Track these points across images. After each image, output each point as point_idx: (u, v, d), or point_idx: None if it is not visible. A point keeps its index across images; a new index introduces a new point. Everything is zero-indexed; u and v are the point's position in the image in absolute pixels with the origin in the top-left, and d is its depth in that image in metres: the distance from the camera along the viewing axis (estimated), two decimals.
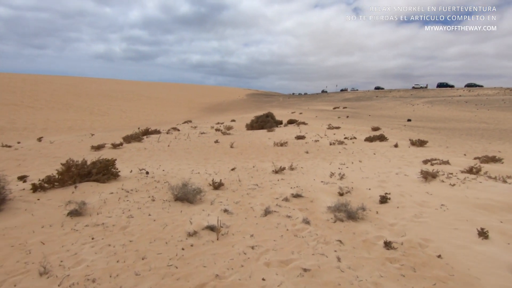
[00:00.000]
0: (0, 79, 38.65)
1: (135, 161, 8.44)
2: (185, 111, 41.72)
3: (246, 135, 15.52)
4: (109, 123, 23.52)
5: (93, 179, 4.82)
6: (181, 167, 7.16)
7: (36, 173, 6.85)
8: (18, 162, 8.39)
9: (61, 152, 10.18)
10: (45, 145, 12.11)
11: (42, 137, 14.40)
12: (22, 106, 23.23)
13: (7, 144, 11.95)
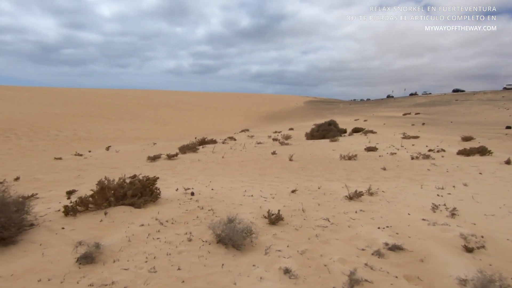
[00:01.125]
0: (86, 94, 44.52)
1: (186, 174, 7.78)
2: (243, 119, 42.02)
3: (306, 145, 14.06)
4: (171, 133, 24.49)
5: (128, 202, 4.06)
6: (233, 185, 6.15)
7: (88, 187, 6.61)
8: (79, 173, 8.49)
9: (120, 162, 10.24)
10: (110, 155, 12.57)
11: (110, 146, 15.23)
12: (99, 117, 25.81)
13: (79, 153, 12.74)
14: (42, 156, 12.83)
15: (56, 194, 5.85)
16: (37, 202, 5.26)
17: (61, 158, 11.71)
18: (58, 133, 18.06)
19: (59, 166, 9.91)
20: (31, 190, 6.49)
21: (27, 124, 18.49)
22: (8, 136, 15.55)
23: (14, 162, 11.29)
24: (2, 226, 2.88)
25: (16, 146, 14.27)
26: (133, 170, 8.63)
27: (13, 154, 12.96)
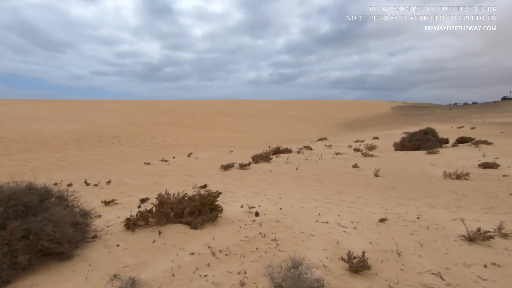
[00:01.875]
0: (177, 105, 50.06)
1: (256, 187, 7.27)
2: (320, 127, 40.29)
3: (395, 157, 12.02)
4: (248, 140, 24.96)
5: (185, 221, 3.68)
6: (305, 205, 5.29)
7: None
8: (159, 179, 8.95)
9: (196, 170, 10.52)
10: (190, 161, 13.23)
11: (192, 153, 16.19)
12: (185, 126, 28.32)
13: (164, 159, 13.82)
14: (136, 160, 14.43)
15: (133, 201, 6.10)
16: (113, 208, 5.50)
17: (150, 163, 12.85)
18: (152, 140, 20.36)
19: (145, 171, 10.80)
20: (116, 195, 7.00)
21: (129, 132, 21.50)
22: (113, 142, 18.27)
23: (114, 166, 12.92)
24: (57, 242, 2.77)
25: (118, 151, 16.57)
26: (206, 179, 8.64)
27: (115, 158, 14.98)
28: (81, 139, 17.92)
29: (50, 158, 13.88)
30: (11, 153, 13.82)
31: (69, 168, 12.41)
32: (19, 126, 19.72)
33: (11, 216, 2.68)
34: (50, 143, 16.33)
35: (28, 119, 23.09)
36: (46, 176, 10.71)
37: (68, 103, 41.91)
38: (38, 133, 18.15)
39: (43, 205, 3.02)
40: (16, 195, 2.82)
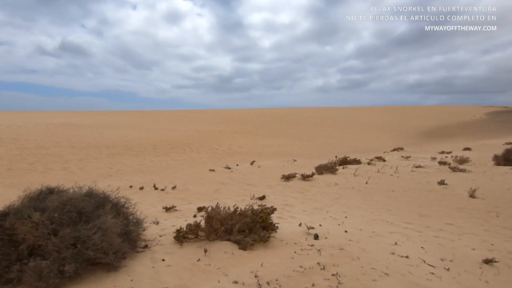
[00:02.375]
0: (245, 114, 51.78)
1: (318, 202, 6.59)
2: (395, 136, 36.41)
3: (497, 174, 9.73)
4: (313, 149, 23.97)
5: (234, 239, 3.34)
6: (376, 229, 4.44)
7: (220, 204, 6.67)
8: (219, 187, 8.99)
9: (257, 179, 10.29)
10: (252, 169, 13.17)
11: (255, 161, 16.19)
12: (250, 134, 28.84)
13: (228, 166, 14.09)
14: (202, 167, 15.08)
15: (191, 209, 6.11)
16: (171, 215, 5.56)
17: (214, 170, 13.21)
18: (218, 147, 21.23)
19: (208, 178, 11.07)
20: (177, 201, 7.20)
21: (198, 140, 22.91)
22: (184, 149, 19.63)
23: (183, 171, 13.71)
24: (104, 252, 2.71)
25: (188, 157, 17.68)
26: (265, 189, 8.30)
27: (185, 164, 15.96)
28: (157, 146, 19.75)
29: (131, 162, 15.56)
30: (101, 157, 15.98)
31: (145, 172, 13.64)
32: (110, 133, 22.90)
33: (65, 223, 2.71)
34: (133, 149, 18.40)
35: (118, 127, 26.70)
36: (126, 178, 11.93)
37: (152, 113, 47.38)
38: (124, 140, 20.71)
39: (97, 212, 3.05)
40: (72, 201, 2.88)
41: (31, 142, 17.81)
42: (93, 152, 16.88)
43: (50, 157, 15.17)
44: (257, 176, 10.94)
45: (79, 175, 12.64)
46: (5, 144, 17.15)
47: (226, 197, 7.31)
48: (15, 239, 2.52)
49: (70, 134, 21.38)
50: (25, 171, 12.88)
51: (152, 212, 5.92)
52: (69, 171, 13.18)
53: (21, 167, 13.32)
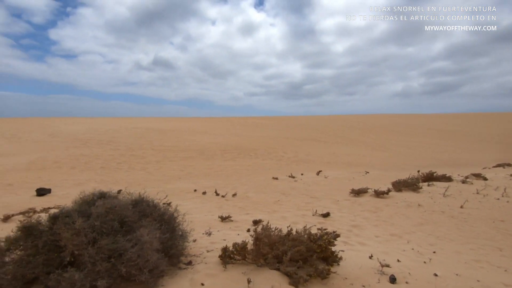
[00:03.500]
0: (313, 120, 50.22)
1: (395, 226, 5.48)
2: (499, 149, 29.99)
3: None
4: (388, 160, 21.42)
5: (284, 270, 2.78)
6: (481, 276, 3.28)
7: (276, 217, 6.14)
8: (281, 197, 8.47)
9: (323, 191, 9.43)
10: (318, 180, 12.28)
11: (321, 170, 15.18)
12: (318, 141, 27.52)
13: (292, 175, 13.49)
14: (266, 173, 14.83)
15: (247, 220, 5.76)
16: (225, 226, 5.27)
17: (277, 178, 12.78)
18: (284, 154, 20.78)
19: (271, 186, 10.68)
20: (235, 210, 6.96)
21: (265, 146, 22.89)
22: (251, 155, 19.80)
23: (247, 177, 13.68)
24: (139, 268, 2.48)
25: (253, 163, 17.71)
26: (331, 204, 7.43)
27: (249, 170, 15.98)
28: (226, 151, 20.42)
29: (201, 165, 16.35)
30: (176, 159, 17.25)
31: (212, 175, 14.08)
32: (186, 138, 24.76)
33: (105, 232, 2.59)
34: (204, 153, 19.41)
35: (193, 132, 28.78)
36: (194, 181, 12.47)
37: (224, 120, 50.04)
38: (197, 144, 22.08)
39: (140, 222, 2.88)
40: (115, 209, 2.76)
41: (122, 145, 20.48)
42: (170, 154, 18.38)
43: (134, 158, 17.08)
44: (322, 188, 10.06)
45: (155, 175, 13.81)
46: (103, 145, 20.11)
47: (286, 210, 6.75)
48: (59, 245, 2.48)
49: (153, 138, 23.90)
50: (114, 169, 14.71)
51: (208, 220, 5.78)
52: (147, 171, 14.53)
53: (111, 166, 15.29)
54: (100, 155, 17.22)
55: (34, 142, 20.74)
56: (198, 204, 7.55)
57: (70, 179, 12.76)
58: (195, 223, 5.53)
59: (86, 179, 12.75)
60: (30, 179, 12.50)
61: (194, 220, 5.76)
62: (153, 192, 9.79)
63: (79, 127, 28.45)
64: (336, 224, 5.50)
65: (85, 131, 25.72)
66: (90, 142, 21.15)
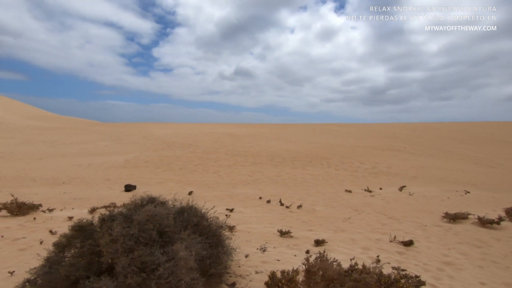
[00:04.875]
0: (397, 128, 44.93)
1: (511, 272, 4.05)
2: None
3: None
4: (497, 178, 17.26)
5: None
6: None
7: (345, 238, 5.31)
8: (352, 214, 7.48)
9: (404, 211, 7.99)
10: (400, 197, 10.62)
11: (405, 186, 13.16)
12: (402, 152, 24.22)
13: (369, 189, 12.05)
14: (338, 185, 13.67)
15: (309, 238, 5.13)
16: (284, 243, 4.76)
17: (351, 191, 11.60)
18: (360, 165, 18.95)
19: (342, 200, 9.67)
20: (298, 224, 6.38)
21: (338, 155, 21.35)
22: (322, 164, 18.70)
23: (316, 188, 12.84)
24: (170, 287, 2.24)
25: (324, 173, 16.62)
26: (414, 229, 6.12)
27: (320, 179, 15.02)
28: (296, 158, 19.83)
29: (270, 172, 16.19)
30: (246, 165, 17.53)
31: (279, 183, 13.72)
32: (258, 143, 25.13)
33: (142, 241, 2.45)
34: (273, 159, 19.26)
35: (265, 138, 29.08)
36: (260, 188, 12.32)
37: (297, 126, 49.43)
38: (268, 150, 22.12)
39: (181, 234, 2.67)
40: (156, 218, 2.61)
41: (200, 148, 22.05)
42: (241, 159, 18.84)
43: (209, 161, 18.09)
44: (405, 208, 8.55)
45: (225, 179, 14.23)
46: (184, 148, 22.02)
47: (356, 231, 5.83)
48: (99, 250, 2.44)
49: (227, 142, 25.06)
50: (190, 171, 15.80)
51: (267, 233, 5.38)
52: (219, 175, 15.10)
53: (188, 168, 16.49)
54: (181, 157, 18.82)
55: (132, 144, 24.16)
56: (260, 213, 7.25)
57: (154, 177, 14.21)
58: (252, 234, 5.21)
59: (166, 178, 13.99)
60: (124, 175, 14.41)
61: (252, 231, 5.45)
62: (220, 196, 9.99)
63: (167, 131, 32.04)
64: (421, 257, 4.40)
65: (171, 135, 28.76)
66: (174, 145, 23.45)
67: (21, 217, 5.49)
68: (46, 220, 5.39)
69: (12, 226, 4.93)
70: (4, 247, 4.03)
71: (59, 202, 8.47)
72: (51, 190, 10.74)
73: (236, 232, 5.19)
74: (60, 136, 27.82)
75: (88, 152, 21.10)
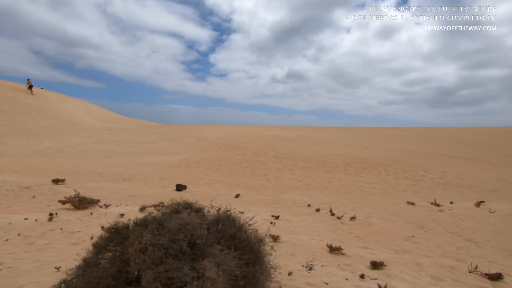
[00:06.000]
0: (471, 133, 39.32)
1: None
2: None
3: None
4: None
5: None
6: None
7: (408, 262, 4.48)
8: (417, 232, 6.47)
9: (487, 232, 6.64)
10: (476, 214, 9.01)
11: (483, 201, 11.19)
12: (479, 161, 20.87)
13: (436, 202, 10.54)
14: (398, 196, 12.28)
15: (363, 258, 4.46)
16: (333, 260, 4.20)
17: (414, 204, 10.29)
18: (425, 174, 16.85)
19: (403, 213, 8.55)
20: (350, 239, 5.69)
21: (399, 162, 19.34)
22: (379, 171, 17.10)
23: (372, 197, 11.70)
24: None
25: (382, 181, 15.15)
26: (501, 257, 4.95)
27: (376, 188, 13.71)
28: (349, 164, 18.56)
29: (320, 178, 15.37)
30: (295, 169, 16.96)
31: (330, 190, 12.88)
32: (308, 147, 24.29)
33: (171, 253, 2.23)
34: (325, 164, 18.31)
35: (316, 142, 28.01)
36: (309, 194, 11.68)
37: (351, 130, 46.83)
38: (319, 154, 21.17)
39: (214, 248, 2.40)
40: (187, 227, 2.38)
41: (249, 150, 22.15)
42: (290, 163, 18.34)
43: (257, 164, 17.98)
44: (485, 228, 7.14)
45: (272, 183, 13.91)
46: (234, 150, 22.36)
47: (422, 253, 4.94)
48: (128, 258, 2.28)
49: (276, 145, 24.75)
50: (238, 173, 15.87)
51: (314, 246, 4.87)
52: (266, 178, 14.84)
53: (237, 169, 16.60)
54: (230, 159, 19.10)
55: (186, 145, 25.45)
56: (308, 223, 6.72)
57: (204, 178, 14.59)
58: (298, 247, 4.75)
59: (215, 179, 14.24)
60: (177, 174, 15.10)
61: (298, 243, 4.99)
62: (267, 201, 9.68)
63: (219, 133, 33.10)
64: None
65: (222, 137, 29.60)
66: (224, 146, 24.01)
67: (81, 211, 5.91)
68: (101, 216, 5.70)
69: (72, 220, 5.29)
70: (61, 240, 4.27)
71: (119, 198, 9.10)
72: (114, 186, 11.70)
73: (280, 243, 4.80)
74: (126, 136, 30.76)
75: (148, 151, 22.81)
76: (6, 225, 4.75)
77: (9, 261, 3.37)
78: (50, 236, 4.36)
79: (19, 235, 4.33)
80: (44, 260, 3.44)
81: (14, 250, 3.74)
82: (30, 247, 3.88)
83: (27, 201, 6.87)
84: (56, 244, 4.06)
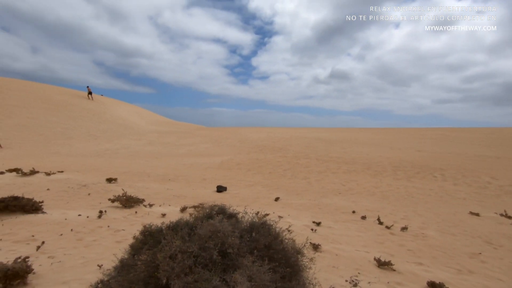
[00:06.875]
0: None
1: None
2: None
3: None
4: None
5: None
6: None
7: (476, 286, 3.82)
8: (484, 248, 5.58)
9: None
10: None
11: None
12: None
13: (507, 214, 9.15)
14: (458, 205, 10.93)
15: (417, 276, 3.91)
16: (381, 278, 3.74)
17: (478, 215, 9.06)
18: (491, 180, 14.80)
19: (465, 226, 7.51)
20: (402, 252, 5.09)
21: (457, 166, 17.29)
22: (435, 176, 15.46)
23: (426, 206, 10.58)
24: None
25: (437, 187, 13.64)
26: None
27: (431, 195, 12.39)
28: (399, 167, 17.13)
29: (365, 182, 14.41)
30: (339, 172, 16.15)
31: (377, 196, 11.96)
32: (353, 149, 23.07)
33: (201, 262, 2.10)
34: (371, 168, 17.16)
35: (361, 144, 26.50)
36: (353, 200, 10.97)
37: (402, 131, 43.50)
38: (365, 157, 19.95)
39: (246, 259, 2.22)
40: (218, 235, 2.24)
41: (290, 152, 21.77)
42: (333, 166, 17.55)
43: (298, 166, 17.53)
44: None
45: (314, 186, 13.38)
46: (275, 152, 22.16)
47: (493, 275, 4.19)
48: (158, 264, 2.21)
49: (319, 147, 23.95)
50: (279, 175, 15.62)
51: (360, 258, 4.42)
52: (308, 181, 14.35)
53: (277, 172, 16.36)
54: (270, 161, 18.94)
55: (228, 146, 25.94)
56: (352, 231, 6.23)
57: (244, 180, 14.63)
58: (341, 258, 4.36)
59: (255, 181, 14.18)
60: (218, 176, 15.38)
61: (341, 253, 4.60)
62: (308, 205, 9.28)
63: (260, 135, 33.20)
64: None
65: (263, 139, 29.59)
66: (265, 148, 23.94)
67: (127, 210, 6.21)
68: (144, 215, 5.92)
69: (118, 218, 5.56)
70: (107, 237, 4.48)
71: (163, 198, 9.49)
72: (159, 186, 12.30)
73: (321, 253, 4.46)
74: (173, 138, 32.47)
75: (192, 153, 23.73)
76: (62, 221, 5.16)
77: (60, 256, 3.59)
78: (98, 233, 4.60)
79: (71, 230, 4.65)
80: (89, 257, 3.60)
81: (66, 245, 4.00)
82: (79, 243, 4.12)
83: (83, 198, 7.47)
84: (102, 242, 4.26)
